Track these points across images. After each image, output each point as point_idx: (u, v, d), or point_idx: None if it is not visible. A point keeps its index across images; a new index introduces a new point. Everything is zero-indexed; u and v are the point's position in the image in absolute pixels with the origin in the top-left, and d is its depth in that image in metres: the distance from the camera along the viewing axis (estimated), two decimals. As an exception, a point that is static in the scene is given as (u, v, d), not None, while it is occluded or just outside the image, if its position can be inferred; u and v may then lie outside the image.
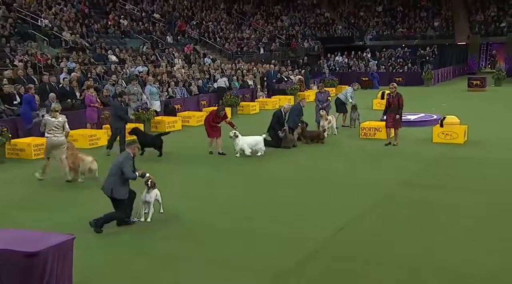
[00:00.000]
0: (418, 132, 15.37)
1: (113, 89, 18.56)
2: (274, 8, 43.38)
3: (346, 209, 8.57)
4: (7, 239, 5.31)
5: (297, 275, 6.20)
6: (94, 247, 6.88)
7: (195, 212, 8.51)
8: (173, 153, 13.31)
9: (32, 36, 23.03)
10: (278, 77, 27.63)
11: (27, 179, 10.80)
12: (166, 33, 31.23)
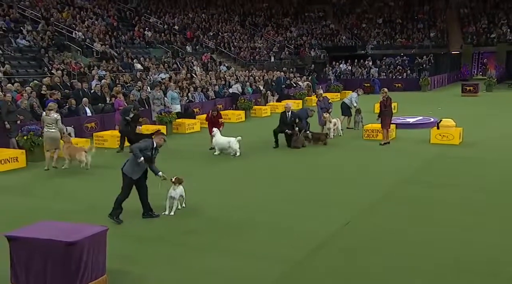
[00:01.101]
0: (417, 134, 15.25)
1: (138, 94, 18.68)
2: (283, 20, 43.30)
3: (351, 205, 8.51)
4: (50, 230, 5.36)
5: (309, 265, 6.17)
6: (125, 238, 6.89)
7: (213, 206, 8.51)
8: (194, 152, 13.29)
9: (68, 47, 23.25)
10: (288, 83, 27.57)
11: (56, 173, 10.91)
12: (185, 43, 31.34)
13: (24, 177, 10.87)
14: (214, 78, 24.93)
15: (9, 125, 12.84)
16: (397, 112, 20.66)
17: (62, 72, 19.46)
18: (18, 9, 24.94)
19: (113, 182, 10.27)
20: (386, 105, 13.78)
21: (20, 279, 5.17)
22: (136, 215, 8.03)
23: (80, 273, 5.11)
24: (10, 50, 20.48)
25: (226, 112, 20.64)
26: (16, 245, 5.21)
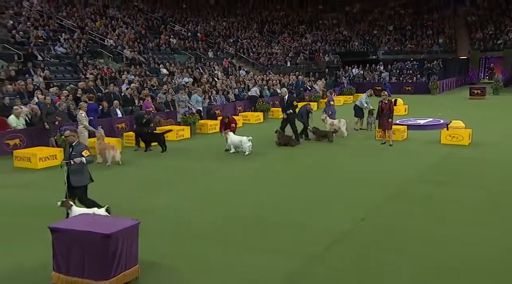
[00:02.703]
0: (427, 135, 15.01)
1: (164, 97, 18.81)
2: (299, 27, 43.14)
3: (364, 203, 8.38)
4: (88, 222, 5.43)
5: (325, 260, 6.12)
6: (155, 231, 6.89)
7: (231, 204, 8.48)
8: (215, 151, 13.27)
9: (100, 53, 23.57)
10: (304, 86, 27.46)
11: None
12: (207, 49, 31.46)
13: (61, 173, 10.99)
14: (234, 82, 24.96)
15: (48, 126, 13.07)
16: (408, 114, 20.43)
17: (95, 76, 19.74)
18: (56, 20, 25.41)
19: (133, 178, 10.51)
20: (383, 108, 13.57)
21: (61, 268, 5.24)
22: (165, 211, 8.09)
23: (115, 263, 5.16)
24: (49, 57, 20.87)
25: (245, 114, 20.69)
26: (58, 237, 5.28)
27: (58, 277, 5.24)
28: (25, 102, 14.68)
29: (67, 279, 5.21)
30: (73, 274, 5.18)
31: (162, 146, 13.29)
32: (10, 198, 8.98)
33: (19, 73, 18.10)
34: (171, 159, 12.51)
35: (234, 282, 5.49)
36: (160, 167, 11.62)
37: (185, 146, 14.36)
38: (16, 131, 13.10)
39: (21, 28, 22.24)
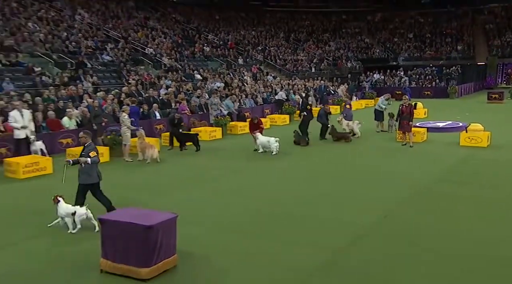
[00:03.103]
0: (447, 137, 14.60)
1: (198, 100, 18.98)
2: (323, 35, 42.73)
3: (387, 200, 8.25)
4: (131, 215, 5.53)
5: (351, 253, 6.05)
6: (191, 224, 6.94)
7: (261, 200, 8.46)
8: (244, 151, 13.28)
9: (141, 61, 23.96)
10: (328, 90, 27.18)
11: (135, 167, 11.24)
12: (238, 57, 31.58)
13: (107, 169, 11.25)
14: (262, 87, 24.93)
15: (96, 126, 13.33)
16: (427, 117, 19.93)
17: (137, 82, 20.05)
18: (103, 31, 26.05)
19: (169, 174, 10.62)
20: (403, 111, 13.30)
21: (108, 254, 5.37)
22: (199, 205, 8.16)
23: (155, 252, 5.25)
24: (97, 65, 21.37)
25: (272, 116, 20.64)
26: (106, 227, 5.42)
27: (106, 263, 5.38)
28: (76, 105, 15.03)
29: (113, 265, 5.33)
30: (118, 261, 5.30)
31: (196, 145, 13.43)
32: (64, 190, 9.23)
33: (71, 79, 18.60)
34: (204, 157, 12.62)
35: (267, 272, 5.48)
36: (194, 164, 11.73)
37: (217, 146, 14.45)
38: (68, 131, 13.43)
39: (73, 39, 22.89)
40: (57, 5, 26.85)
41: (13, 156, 11.09)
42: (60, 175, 7.59)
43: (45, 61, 19.78)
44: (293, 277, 5.35)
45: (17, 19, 22.39)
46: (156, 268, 5.27)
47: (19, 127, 11.25)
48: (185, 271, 5.51)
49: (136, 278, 5.19)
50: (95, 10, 29.14)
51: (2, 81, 16.10)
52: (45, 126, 13.10)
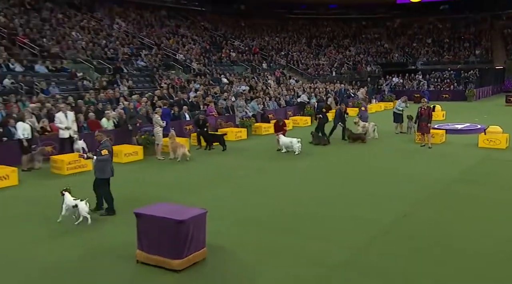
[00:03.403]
0: (465, 139, 14.16)
1: (225, 102, 19.09)
2: (343, 41, 42.20)
3: (406, 199, 8.08)
4: (164, 210, 5.60)
5: (373, 248, 5.96)
6: (219, 219, 6.97)
7: (284, 198, 8.42)
8: (268, 151, 13.26)
9: (172, 66, 24.29)
10: (348, 93, 26.84)
11: (165, 165, 11.39)
12: (262, 61, 31.58)
13: (141, 167, 11.51)
14: (285, 90, 24.85)
15: (131, 127, 13.58)
16: (446, 119, 19.38)
17: (168, 85, 20.34)
18: (138, 39, 26.58)
19: (198, 172, 10.67)
20: (422, 113, 12.97)
21: (143, 246, 5.47)
22: (226, 201, 8.20)
23: (186, 244, 5.31)
24: (132, 70, 21.80)
25: (295, 118, 20.53)
26: (141, 220, 5.51)
27: (141, 254, 5.48)
28: (114, 107, 15.34)
29: (148, 256, 5.43)
30: (152, 252, 5.39)
31: (223, 145, 13.51)
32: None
33: (109, 83, 19.03)
34: (230, 157, 12.67)
35: (291, 267, 5.46)
36: (221, 163, 11.80)
37: (243, 146, 14.49)
38: (106, 131, 13.73)
39: (111, 46, 23.45)
40: (98, 16, 27.59)
41: (58, 154, 11.45)
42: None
43: (86, 66, 20.33)
44: (315, 273, 5.31)
45: (62, 29, 23.12)
46: (187, 260, 5.32)
47: (64, 128, 11.60)
48: (214, 263, 5.54)
49: (169, 268, 5.26)
50: (131, 20, 29.76)
51: (48, 86, 16.65)
52: (86, 126, 13.44)
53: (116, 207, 7.55)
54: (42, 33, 21.70)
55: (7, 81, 15.97)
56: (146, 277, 5.23)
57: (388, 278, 5.16)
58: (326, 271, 5.34)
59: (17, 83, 16.05)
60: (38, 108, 13.16)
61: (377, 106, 25.43)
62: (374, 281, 5.08)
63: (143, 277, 5.24)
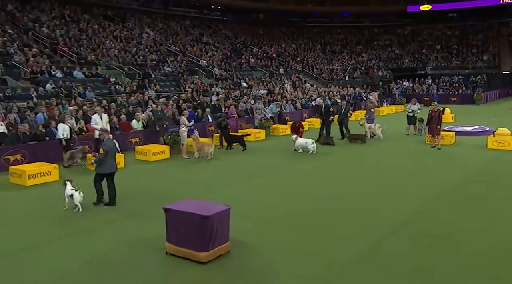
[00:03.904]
0: (475, 140, 13.75)
1: (244, 105, 19.06)
2: (356, 47, 41.66)
3: (417, 198, 7.87)
4: (191, 206, 5.61)
5: (387, 245, 5.82)
6: (241, 215, 6.84)
7: (300, 196, 8.34)
8: (285, 151, 13.09)
9: (196, 71, 24.49)
10: (361, 97, 26.45)
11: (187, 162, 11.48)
12: (279, 67, 31.47)
13: (168, 165, 11.58)
14: (301, 93, 24.69)
15: (158, 128, 13.68)
16: (455, 122, 18.87)
17: (192, 89, 20.51)
18: (165, 46, 26.89)
19: (221, 170, 10.66)
20: (433, 116, 12.68)
21: (172, 239, 5.49)
22: (247, 198, 8.17)
23: (212, 238, 5.31)
24: (159, 75, 22.09)
25: (310, 120, 20.34)
26: (169, 215, 5.53)
27: (170, 246, 5.50)
28: (143, 109, 15.58)
29: (176, 248, 5.45)
30: (181, 245, 5.41)
31: (243, 145, 13.48)
32: (132, 182, 9.60)
33: (139, 88, 19.33)
34: (250, 156, 12.64)
35: (309, 262, 5.39)
36: (242, 162, 11.79)
37: (261, 146, 14.44)
38: (136, 132, 13.90)
39: (140, 54, 23.81)
40: (128, 26, 28.05)
41: (92, 153, 11.65)
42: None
43: (118, 72, 20.69)
44: (330, 269, 5.22)
45: (98, 38, 23.60)
46: (212, 253, 5.32)
47: (99, 128, 11.76)
48: (237, 257, 5.52)
49: (196, 260, 5.27)
50: (159, 29, 30.13)
51: (85, 90, 17.00)
52: (118, 127, 13.64)
53: (146, 201, 7.58)
54: (79, 42, 22.20)
55: (49, 86, 16.40)
56: (175, 267, 5.25)
57: (402, 275, 5.03)
58: (340, 268, 5.25)
59: (57, 88, 16.46)
60: (76, 111, 13.44)
61: (388, 109, 24.97)
62: (388, 278, 4.96)
63: (172, 267, 5.26)
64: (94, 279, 5.03)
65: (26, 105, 13.57)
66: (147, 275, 5.10)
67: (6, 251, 5.80)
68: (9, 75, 16.52)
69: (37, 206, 7.85)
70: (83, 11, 26.76)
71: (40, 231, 6.55)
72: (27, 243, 6.08)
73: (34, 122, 12.28)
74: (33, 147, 11.00)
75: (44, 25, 22.25)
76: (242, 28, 38.10)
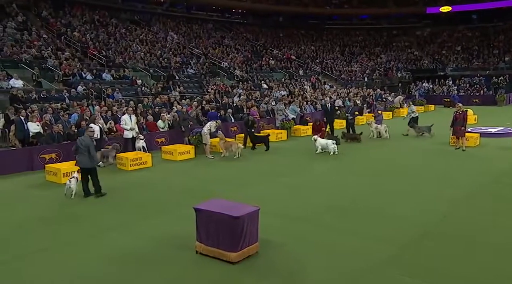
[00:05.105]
0: (499, 142, 13.20)
1: (266, 106, 18.95)
2: (375, 49, 40.86)
3: (445, 199, 7.57)
4: (220, 206, 5.54)
5: (416, 247, 5.59)
6: (268, 214, 6.71)
7: (326, 195, 8.14)
8: (306, 151, 12.91)
9: (218, 73, 24.57)
10: (382, 98, 25.91)
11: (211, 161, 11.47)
12: (298, 68, 31.21)
13: (193, 164, 11.58)
14: (320, 94, 24.39)
15: (183, 128, 13.76)
16: (477, 123, 18.19)
17: (214, 91, 20.58)
18: (188, 49, 27.10)
19: (247, 169, 10.59)
20: (457, 118, 12.20)
21: (202, 238, 5.43)
22: (273, 197, 8.06)
23: (241, 239, 5.21)
24: (183, 77, 22.26)
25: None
26: (200, 215, 5.47)
27: (200, 246, 5.45)
28: (168, 110, 15.71)
29: (206, 248, 5.39)
30: (210, 244, 5.34)
31: (267, 145, 13.37)
32: (160, 181, 9.66)
33: (164, 89, 19.52)
34: (273, 156, 12.52)
35: (338, 262, 5.23)
36: (266, 162, 11.68)
37: (283, 146, 14.30)
38: (162, 132, 14.05)
39: (165, 56, 24.06)
40: (154, 29, 28.40)
41: (121, 152, 11.79)
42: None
43: (144, 74, 20.96)
44: (358, 269, 5.05)
45: (125, 42, 23.98)
46: (242, 253, 5.23)
47: (128, 128, 11.94)
48: (266, 257, 5.41)
49: (226, 260, 5.20)
50: (182, 32, 30.39)
51: (113, 91, 17.27)
52: (145, 128, 13.77)
53: (175, 199, 7.53)
54: (108, 46, 22.62)
55: (80, 88, 16.75)
56: (204, 266, 5.18)
57: (429, 277, 4.81)
58: (369, 269, 5.07)
59: (88, 90, 16.78)
60: (105, 111, 13.65)
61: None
62: (415, 280, 4.75)
63: (202, 266, 5.20)
64: (125, 274, 5.03)
65: (59, 106, 13.87)
66: (177, 272, 5.05)
67: (30, 250, 5.88)
68: (44, 78, 16.97)
69: (71, 203, 7.96)
70: (111, 16, 27.27)
71: (73, 228, 6.62)
72: (62, 239, 6.15)
73: (67, 122, 12.54)
74: (66, 146, 11.22)
75: (75, 29, 22.78)
76: (262, 31, 37.99)
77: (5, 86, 14.97)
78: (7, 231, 6.53)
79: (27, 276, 5.04)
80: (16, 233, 6.44)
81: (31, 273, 5.11)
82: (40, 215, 7.28)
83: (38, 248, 5.81)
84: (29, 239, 6.17)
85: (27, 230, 6.57)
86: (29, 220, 7.01)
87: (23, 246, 5.91)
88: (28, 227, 6.68)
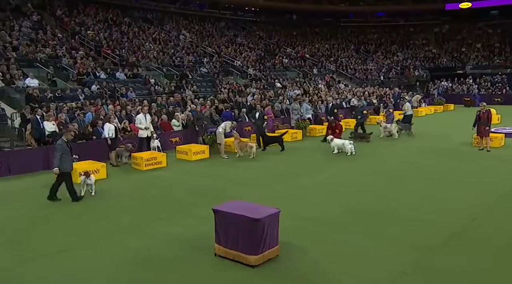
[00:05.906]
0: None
1: (280, 105, 18.83)
2: (391, 47, 40.28)
3: (474, 202, 7.35)
4: (240, 208, 5.45)
5: (443, 252, 5.40)
6: (291, 218, 6.61)
7: (345, 196, 8.00)
8: (322, 151, 12.77)
9: (231, 72, 24.53)
10: (401, 97, 25.47)
11: (224, 161, 11.39)
12: (313, 67, 30.97)
13: (208, 164, 11.52)
14: (336, 93, 24.13)
15: (198, 128, 13.75)
16: (501, 123, 17.70)
17: (228, 90, 20.54)
18: (201, 48, 27.15)
19: (262, 169, 10.45)
20: (481, 117, 11.84)
21: (221, 240, 5.36)
22: (290, 198, 7.95)
23: (262, 242, 5.13)
24: (196, 76, 22.29)
25: (346, 120, 19.79)
26: (219, 216, 5.40)
27: (219, 248, 5.38)
28: (182, 110, 15.73)
29: (225, 250, 5.32)
30: (230, 247, 5.27)
31: (281, 145, 13.26)
32: (176, 181, 9.65)
33: (177, 88, 19.57)
34: (289, 156, 12.40)
35: (359, 267, 5.10)
36: (282, 162, 11.56)
37: (299, 146, 14.16)
38: (176, 131, 14.07)
39: (178, 55, 24.15)
40: (166, 28, 28.56)
41: (136, 152, 11.83)
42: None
43: (158, 73, 21.06)
44: (382, 274, 4.90)
45: (138, 41, 24.17)
46: (262, 256, 5.15)
47: (143, 128, 11.98)
48: (287, 260, 5.31)
49: (245, 263, 5.12)
50: (195, 31, 30.48)
51: (127, 90, 17.40)
52: (159, 127, 13.81)
53: (191, 200, 7.48)
54: (121, 45, 22.82)
55: (94, 87, 16.92)
56: (223, 268, 5.11)
57: (456, 283, 4.63)
58: (392, 273, 4.92)
59: (102, 89, 16.94)
60: (119, 110, 13.73)
61: (427, 109, 23.90)
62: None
63: (221, 268, 5.13)
64: (144, 274, 5.00)
65: (74, 105, 14.03)
66: (195, 274, 5.00)
67: (50, 250, 5.90)
68: (58, 77, 17.20)
69: (85, 203, 8.00)
70: (124, 15, 27.54)
71: (89, 228, 6.63)
72: (76, 240, 6.16)
73: (82, 121, 12.65)
74: (82, 146, 11.31)
75: (89, 28, 23.06)
76: (276, 29, 37.83)
77: (21, 85, 15.21)
78: (23, 229, 6.59)
79: (53, 275, 5.05)
80: (31, 232, 6.49)
81: (51, 272, 5.12)
82: (54, 213, 7.33)
83: (59, 249, 5.82)
84: (48, 238, 6.20)
85: (42, 230, 6.61)
86: (44, 219, 7.06)
87: (43, 246, 5.93)
88: (43, 227, 6.72)
